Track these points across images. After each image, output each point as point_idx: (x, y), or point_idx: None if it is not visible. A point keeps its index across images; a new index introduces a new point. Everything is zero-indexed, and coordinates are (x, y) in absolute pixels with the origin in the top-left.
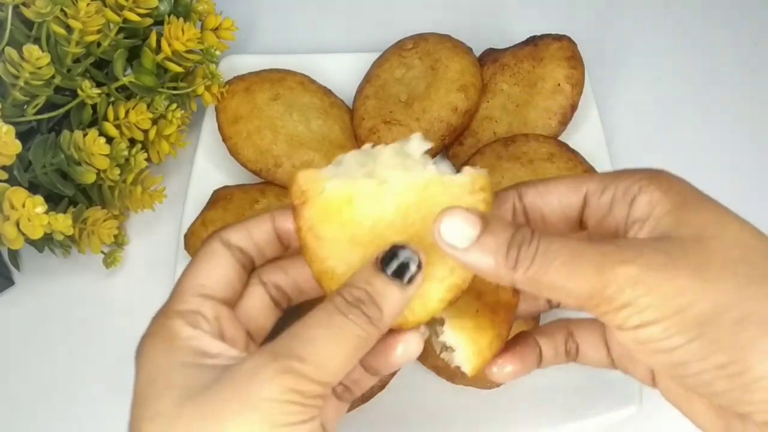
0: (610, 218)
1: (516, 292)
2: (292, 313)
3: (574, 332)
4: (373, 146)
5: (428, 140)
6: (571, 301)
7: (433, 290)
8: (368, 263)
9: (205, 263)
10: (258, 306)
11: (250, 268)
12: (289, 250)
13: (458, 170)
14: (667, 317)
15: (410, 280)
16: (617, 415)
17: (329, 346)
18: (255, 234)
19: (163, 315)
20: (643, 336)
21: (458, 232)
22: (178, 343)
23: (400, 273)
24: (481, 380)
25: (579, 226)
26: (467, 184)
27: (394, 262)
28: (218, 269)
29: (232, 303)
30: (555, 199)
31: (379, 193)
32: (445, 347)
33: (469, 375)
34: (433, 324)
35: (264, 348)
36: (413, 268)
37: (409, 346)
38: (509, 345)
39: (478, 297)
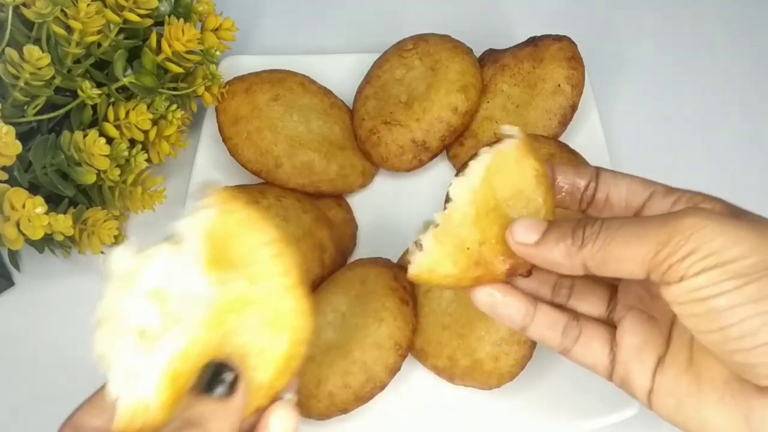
0: (671, 210)
1: (510, 274)
2: None
3: (582, 327)
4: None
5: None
6: (639, 266)
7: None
8: (184, 394)
9: None
10: None
11: None
12: None
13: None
14: (729, 261)
15: (232, 390)
16: (616, 417)
17: None
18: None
19: None
20: (704, 281)
21: (527, 233)
22: None
23: (214, 388)
24: (482, 380)
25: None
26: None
27: (209, 381)
28: None
29: None
30: (625, 187)
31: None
32: (418, 245)
33: (409, 273)
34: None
35: None
36: (230, 376)
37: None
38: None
39: (476, 255)
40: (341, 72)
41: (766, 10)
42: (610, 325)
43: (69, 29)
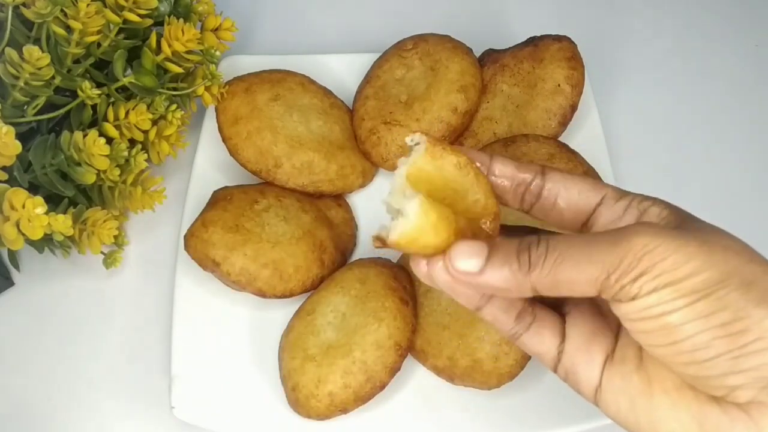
0: (620, 222)
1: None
2: None
3: (537, 315)
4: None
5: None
6: (590, 287)
7: None
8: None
9: None
10: None
11: None
12: None
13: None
14: (680, 280)
15: None
16: None
17: None
18: None
19: None
20: (656, 299)
21: (468, 260)
22: None
23: None
24: (481, 380)
25: (582, 226)
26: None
27: None
28: None
29: None
30: (576, 191)
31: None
32: (397, 211)
33: (391, 239)
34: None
35: None
36: None
37: None
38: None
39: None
40: (341, 72)
41: (766, 10)
42: (560, 315)
43: (69, 29)
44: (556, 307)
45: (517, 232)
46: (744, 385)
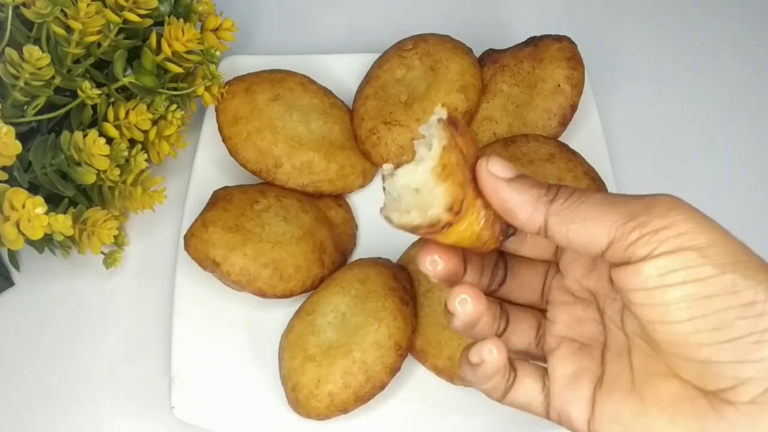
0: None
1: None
2: None
3: (518, 368)
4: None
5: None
6: (602, 232)
7: None
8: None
9: None
10: None
11: None
12: None
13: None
14: (706, 246)
15: None
16: None
17: None
18: None
19: None
20: (678, 263)
21: (503, 167)
22: None
23: None
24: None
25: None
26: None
27: None
28: None
29: None
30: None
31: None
32: (414, 190)
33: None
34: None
35: None
36: None
37: None
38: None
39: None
40: (341, 72)
41: (766, 10)
42: (539, 359)
43: (69, 29)
44: (536, 357)
45: None
46: (752, 379)
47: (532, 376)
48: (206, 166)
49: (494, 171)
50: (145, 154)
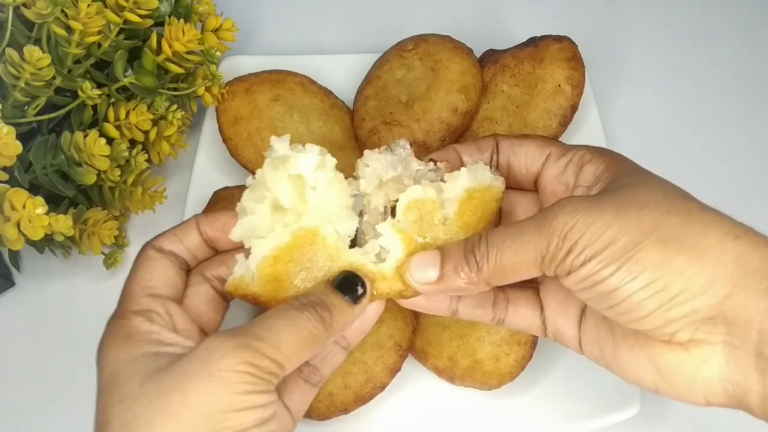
0: (561, 178)
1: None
2: None
3: (509, 297)
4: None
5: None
6: (532, 270)
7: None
8: (320, 282)
9: (146, 267)
10: (204, 300)
11: (186, 269)
12: (218, 251)
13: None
14: (601, 250)
15: (357, 300)
16: (616, 417)
17: (284, 333)
18: (184, 239)
19: (119, 317)
20: (585, 272)
21: (425, 269)
22: (138, 338)
23: (349, 292)
24: (482, 381)
25: (534, 184)
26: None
27: (345, 284)
28: (158, 271)
29: (178, 300)
30: (523, 153)
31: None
32: (383, 249)
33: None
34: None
35: (221, 331)
36: (360, 290)
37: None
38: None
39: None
40: (341, 72)
41: (766, 10)
42: (533, 287)
43: (69, 29)
44: (530, 281)
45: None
46: (680, 330)
47: (528, 304)
48: (207, 166)
49: (420, 279)
50: (146, 155)
